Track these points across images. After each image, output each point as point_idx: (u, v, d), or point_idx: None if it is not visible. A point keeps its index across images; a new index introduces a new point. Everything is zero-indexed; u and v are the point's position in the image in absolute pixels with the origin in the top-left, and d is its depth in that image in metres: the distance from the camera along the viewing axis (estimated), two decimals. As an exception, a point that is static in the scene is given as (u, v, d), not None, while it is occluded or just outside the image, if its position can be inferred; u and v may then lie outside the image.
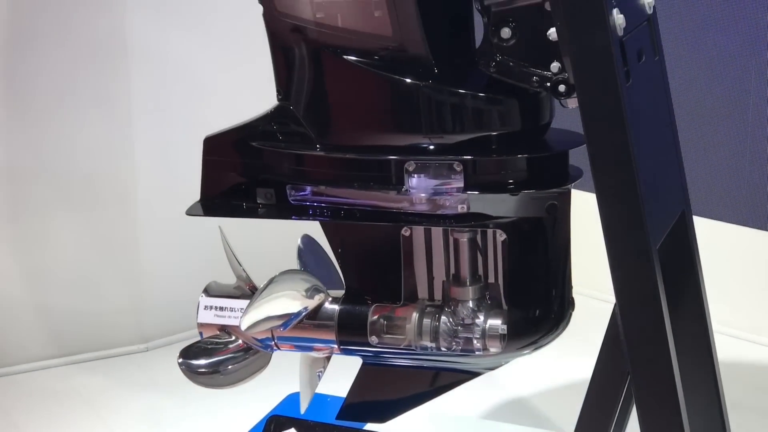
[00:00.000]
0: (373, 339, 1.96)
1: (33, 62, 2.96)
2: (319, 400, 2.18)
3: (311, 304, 1.98)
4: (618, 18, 1.69)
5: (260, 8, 1.98)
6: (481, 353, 1.92)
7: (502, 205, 1.88)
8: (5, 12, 2.90)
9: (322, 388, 2.15)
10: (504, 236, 1.90)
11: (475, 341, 1.92)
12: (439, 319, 1.94)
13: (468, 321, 1.92)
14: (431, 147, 1.86)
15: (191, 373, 2.04)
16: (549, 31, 1.74)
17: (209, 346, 2.06)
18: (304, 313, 1.98)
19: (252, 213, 2.01)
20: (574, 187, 1.88)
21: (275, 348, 2.05)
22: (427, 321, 1.94)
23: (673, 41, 3.05)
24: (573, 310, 1.95)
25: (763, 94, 3.01)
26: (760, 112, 3.03)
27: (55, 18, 2.96)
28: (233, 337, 2.06)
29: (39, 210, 3.07)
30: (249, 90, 2.66)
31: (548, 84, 1.78)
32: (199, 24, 3.12)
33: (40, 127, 3.03)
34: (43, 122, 3.02)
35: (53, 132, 3.04)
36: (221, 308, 2.07)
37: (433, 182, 1.86)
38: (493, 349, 1.92)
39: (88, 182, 3.11)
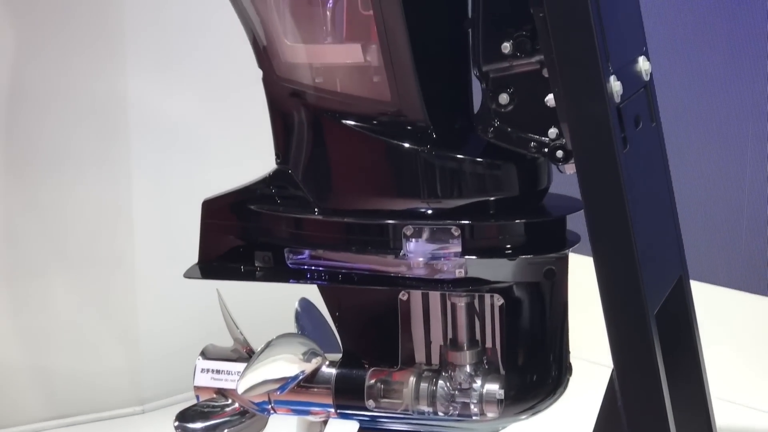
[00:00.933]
0: (370, 403, 1.96)
1: (33, 122, 2.97)
2: (315, 464, 2.17)
3: (308, 367, 1.98)
4: (615, 85, 1.70)
5: (260, 72, 2.00)
6: (478, 418, 1.92)
7: (499, 269, 1.88)
8: (6, 70, 2.92)
9: (319, 453, 2.14)
10: (501, 301, 1.90)
11: (472, 406, 1.92)
12: (436, 384, 1.93)
13: (465, 386, 1.92)
14: (429, 211, 1.87)
15: (187, 436, 2.04)
16: (547, 98, 1.76)
17: (206, 410, 2.05)
18: (301, 377, 1.98)
19: (250, 276, 2.01)
20: (572, 251, 1.89)
21: (272, 411, 2.04)
22: (424, 385, 1.94)
23: (669, 106, 3.07)
24: (570, 375, 1.95)
25: (759, 155, 3.02)
26: (757, 173, 3.04)
27: (56, 77, 2.97)
28: (230, 401, 2.05)
29: (36, 270, 3.07)
30: (248, 153, 2.67)
31: (546, 150, 1.79)
32: (199, 86, 3.14)
33: (38, 187, 3.03)
34: (42, 182, 3.03)
35: (52, 192, 3.04)
36: (218, 371, 2.06)
37: (431, 247, 1.87)
38: (490, 414, 1.91)
39: (86, 243, 3.11)
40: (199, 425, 2.03)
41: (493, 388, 1.91)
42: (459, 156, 1.86)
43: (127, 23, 3.00)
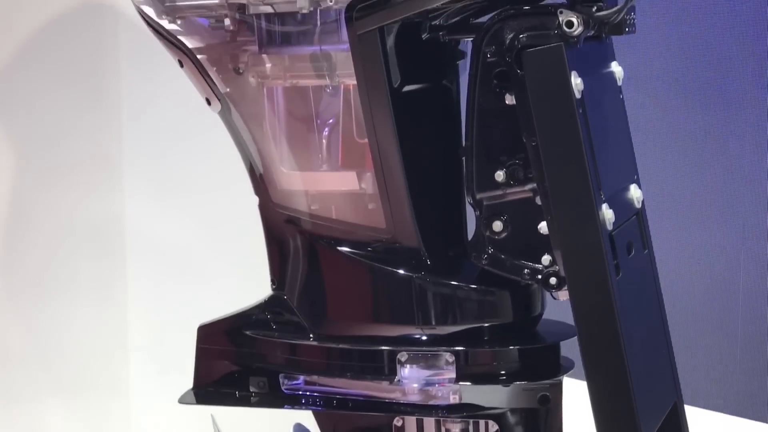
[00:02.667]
0: None
1: (29, 245, 2.99)
2: None
3: (303, 495, 1.97)
4: (607, 213, 1.73)
5: (256, 198, 2.02)
6: None
7: (494, 396, 1.89)
8: (4, 193, 2.94)
9: None
10: (496, 427, 1.90)
11: None
12: None
13: None
14: (424, 338, 1.88)
15: None
16: (540, 225, 1.78)
17: None
18: (295, 505, 1.97)
19: (244, 402, 2.01)
20: (566, 376, 1.89)
21: None
22: None
23: (662, 234, 3.09)
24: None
25: (752, 278, 3.03)
26: (750, 297, 3.05)
27: (53, 201, 2.99)
28: None
29: (29, 395, 3.06)
30: (244, 278, 2.68)
31: (539, 277, 1.81)
32: (196, 211, 3.16)
33: (34, 312, 3.04)
34: (38, 307, 3.03)
35: (48, 316, 3.04)
36: (212, 499, 2.05)
37: (426, 373, 1.87)
38: None
39: (81, 368, 3.10)
40: None
41: None
42: (453, 283, 1.87)
43: (125, 147, 3.04)
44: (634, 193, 1.90)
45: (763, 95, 2.94)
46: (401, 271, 1.88)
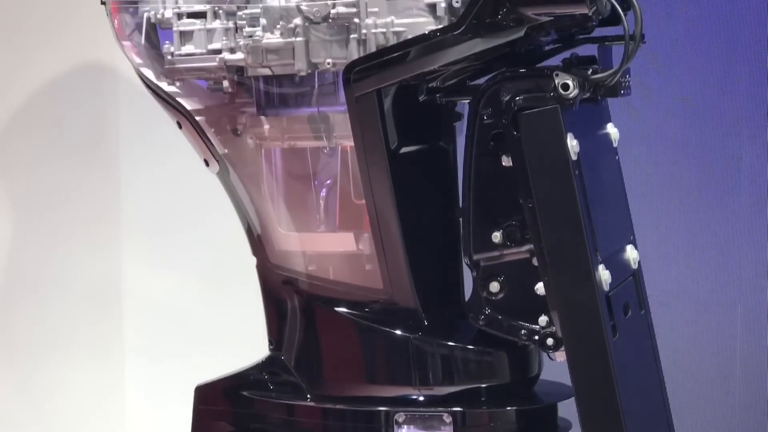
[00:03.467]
0: None
1: (28, 306, 2.99)
2: None
3: None
4: (604, 274, 1.73)
5: (254, 259, 2.03)
6: None
7: (492, 456, 1.89)
8: (3, 255, 2.95)
9: None
10: (494, 487, 1.90)
11: None
12: None
13: None
14: (421, 399, 1.88)
15: None
16: (537, 286, 1.78)
17: None
18: None
19: (242, 463, 2.01)
20: (565, 437, 1.89)
21: None
22: None
23: (657, 293, 3.09)
24: None
25: (748, 342, 3.03)
26: (747, 361, 3.05)
27: (51, 261, 3.00)
28: None
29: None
30: (241, 339, 2.68)
31: (536, 337, 1.81)
32: (193, 271, 3.17)
33: (29, 371, 3.03)
34: (34, 365, 3.03)
35: (43, 375, 3.04)
36: None
37: (423, 434, 1.87)
38: None
39: (77, 428, 3.09)
40: None
41: None
42: (450, 343, 1.88)
43: (123, 207, 3.05)
44: (631, 253, 1.91)
45: (762, 152, 2.95)
46: (398, 332, 1.88)
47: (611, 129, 1.93)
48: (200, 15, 1.89)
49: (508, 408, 1.88)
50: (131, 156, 3.02)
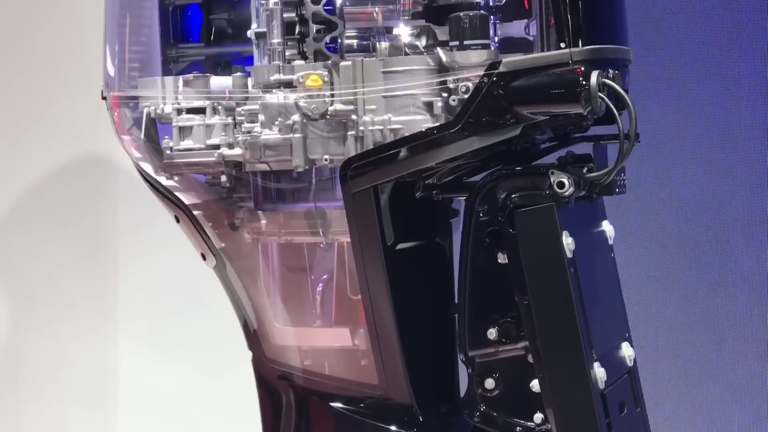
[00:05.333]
0: None
1: (23, 396, 2.98)
2: None
3: None
4: (599, 372, 1.73)
5: (249, 353, 2.03)
6: None
7: None
8: (3, 343, 2.94)
9: None
10: None
11: None
12: None
13: None
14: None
15: None
16: (532, 383, 1.78)
17: None
18: None
19: None
20: None
21: None
22: None
23: (654, 390, 3.08)
24: None
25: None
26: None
27: (47, 350, 2.99)
28: None
29: None
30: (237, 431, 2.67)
31: (531, 435, 1.80)
32: (189, 363, 3.16)
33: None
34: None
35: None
36: None
37: None
38: None
39: None
40: None
41: None
42: (445, 440, 1.87)
43: (120, 297, 3.05)
44: (626, 351, 1.91)
45: (762, 249, 2.96)
46: (393, 428, 1.88)
47: (606, 226, 1.94)
48: (199, 110, 1.91)
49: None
50: (129, 248, 3.03)
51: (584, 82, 1.69)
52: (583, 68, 1.70)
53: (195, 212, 1.97)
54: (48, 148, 2.93)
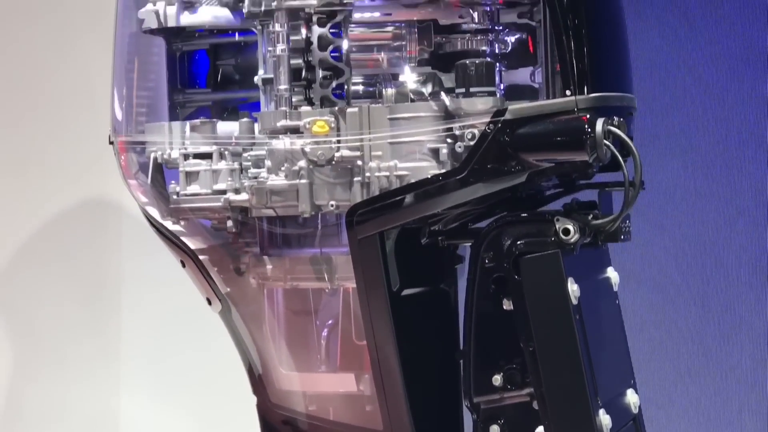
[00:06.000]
0: None
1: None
2: None
3: None
4: (604, 418, 1.73)
5: (254, 398, 2.02)
6: None
7: None
8: (6, 386, 2.94)
9: None
10: None
11: None
12: None
13: None
14: None
15: None
16: (537, 430, 1.77)
17: None
18: None
19: None
20: None
21: None
22: None
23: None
24: None
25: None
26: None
27: (50, 395, 2.98)
28: None
29: None
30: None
31: (538, 480, 1.80)
32: (192, 409, 3.15)
33: None
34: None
35: None
36: None
37: None
38: None
39: None
40: None
41: None
42: (450, 487, 1.87)
43: (124, 342, 3.05)
44: (631, 398, 1.90)
45: (765, 296, 2.96)
46: (397, 474, 1.87)
47: (611, 273, 1.94)
48: (206, 156, 1.91)
49: None
50: (133, 292, 3.03)
51: (589, 130, 1.70)
52: (588, 116, 1.71)
53: (201, 257, 1.98)
54: (54, 191, 2.94)
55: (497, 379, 1.80)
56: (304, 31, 1.85)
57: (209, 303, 2.01)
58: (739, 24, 2.91)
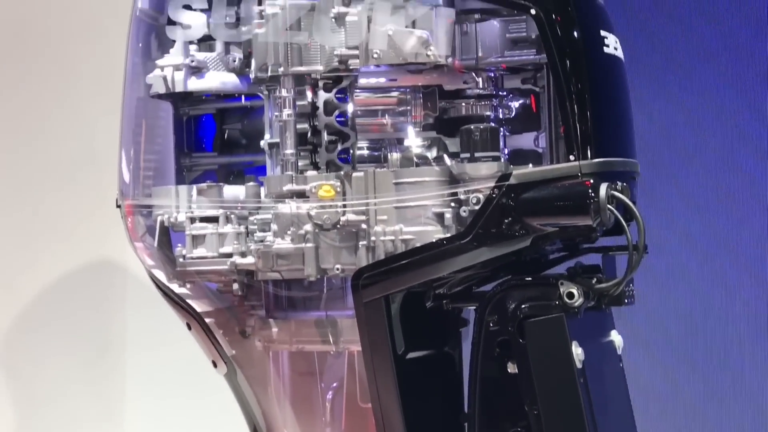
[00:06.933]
0: None
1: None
2: None
3: None
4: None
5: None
6: None
7: None
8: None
9: None
10: None
11: None
12: None
13: None
14: None
15: None
16: None
17: None
18: None
19: None
20: None
21: None
22: None
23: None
24: None
25: None
26: None
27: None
28: None
29: None
30: None
31: None
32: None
33: None
34: None
35: None
36: None
37: None
38: None
39: None
40: None
41: None
42: None
43: (128, 402, 3.04)
44: (636, 456, 1.91)
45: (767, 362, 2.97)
46: None
47: (615, 336, 1.95)
48: (212, 219, 1.93)
49: None
50: (137, 353, 3.03)
51: (593, 195, 1.71)
52: (592, 180, 1.72)
53: (206, 320, 1.98)
54: (60, 252, 2.95)
55: (502, 444, 1.80)
56: (310, 95, 1.88)
57: (214, 365, 2.01)
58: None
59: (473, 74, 1.91)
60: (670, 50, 3.01)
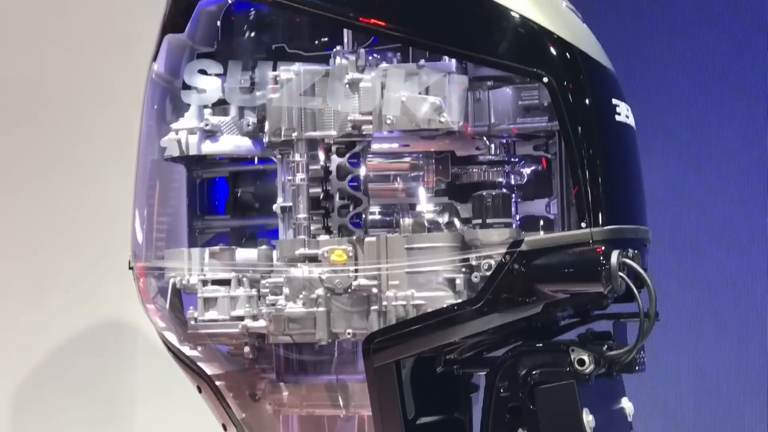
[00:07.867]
0: None
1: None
2: None
3: None
4: None
5: None
6: None
7: None
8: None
9: None
10: None
11: None
12: None
13: None
14: None
15: None
16: None
17: None
18: None
19: None
20: None
21: None
22: None
23: None
24: None
25: None
26: None
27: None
28: None
29: None
30: None
31: None
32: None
33: None
34: None
35: None
36: None
37: None
38: None
39: None
40: None
41: None
42: None
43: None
44: None
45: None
46: None
47: (626, 403, 1.94)
48: (224, 282, 1.93)
49: None
50: (148, 416, 3.02)
51: (605, 262, 1.71)
52: (603, 248, 1.73)
53: (217, 382, 1.98)
54: (72, 315, 2.95)
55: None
56: (323, 159, 1.89)
57: (224, 429, 2.01)
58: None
59: (485, 140, 1.92)
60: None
